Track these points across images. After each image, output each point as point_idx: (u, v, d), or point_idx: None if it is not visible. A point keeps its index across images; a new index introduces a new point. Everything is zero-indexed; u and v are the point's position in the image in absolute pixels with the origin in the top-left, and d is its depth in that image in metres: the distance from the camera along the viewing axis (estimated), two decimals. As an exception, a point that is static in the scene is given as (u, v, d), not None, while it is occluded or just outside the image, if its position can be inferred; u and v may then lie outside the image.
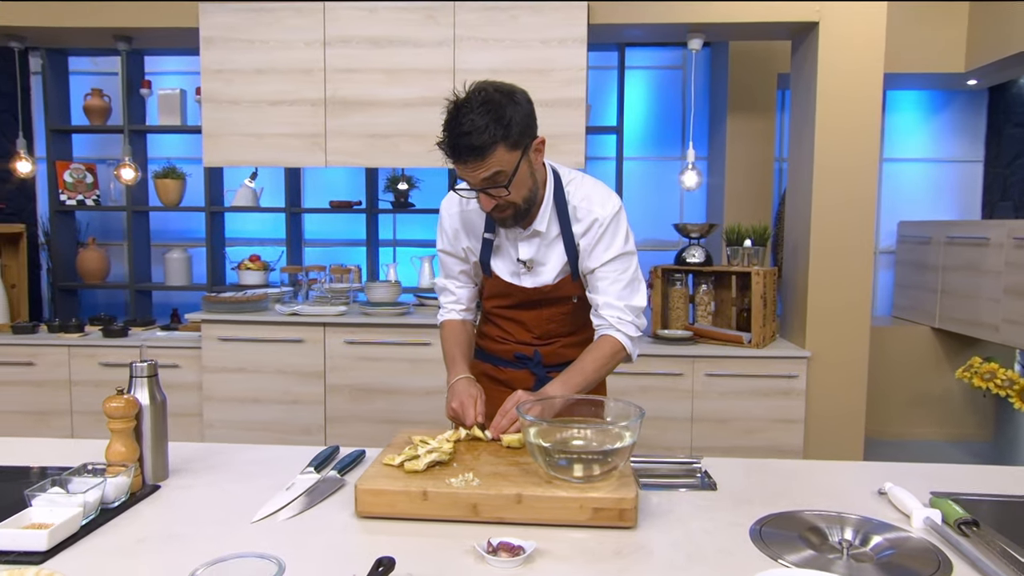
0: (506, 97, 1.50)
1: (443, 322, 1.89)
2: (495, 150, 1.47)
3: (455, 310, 1.88)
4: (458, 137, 1.46)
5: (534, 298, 1.76)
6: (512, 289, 1.76)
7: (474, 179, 1.52)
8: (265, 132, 3.45)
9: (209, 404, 3.48)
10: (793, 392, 3.44)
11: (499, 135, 1.47)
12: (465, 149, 1.47)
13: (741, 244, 3.62)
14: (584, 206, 1.69)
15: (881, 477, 1.47)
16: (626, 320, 1.70)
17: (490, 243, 1.76)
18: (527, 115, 1.54)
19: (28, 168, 3.82)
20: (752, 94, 4.39)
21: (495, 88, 1.51)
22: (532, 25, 3.34)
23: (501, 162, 1.49)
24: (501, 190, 1.53)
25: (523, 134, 1.53)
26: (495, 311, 1.84)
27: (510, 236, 1.73)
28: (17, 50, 3.86)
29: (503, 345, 1.85)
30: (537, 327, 1.80)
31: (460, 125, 1.46)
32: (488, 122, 1.45)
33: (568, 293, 1.76)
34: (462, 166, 1.51)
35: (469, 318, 1.91)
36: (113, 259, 4.80)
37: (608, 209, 1.69)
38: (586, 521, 1.23)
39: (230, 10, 3.40)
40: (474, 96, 1.49)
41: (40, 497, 1.19)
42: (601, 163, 4.84)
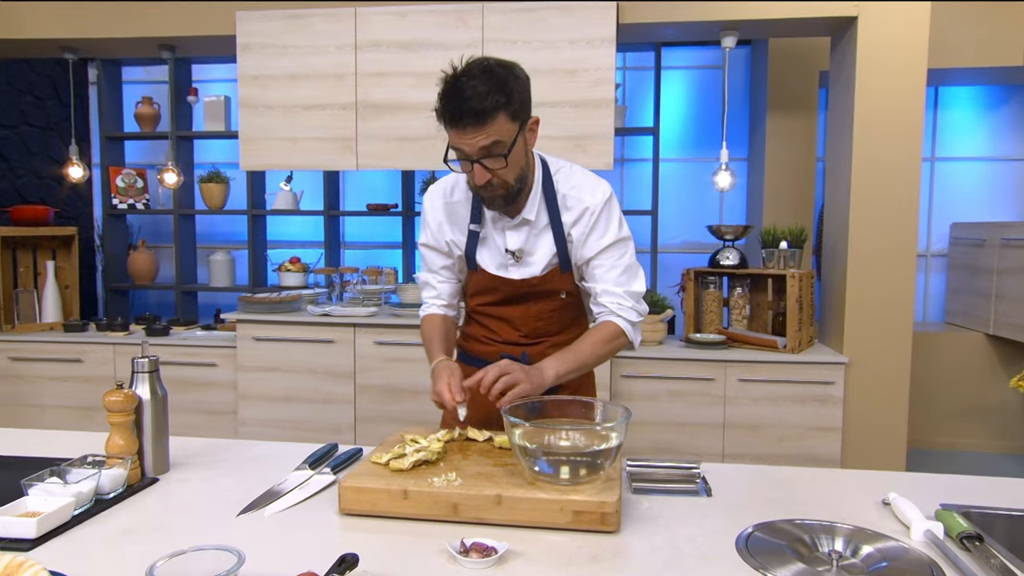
0: (507, 70, 1.49)
1: (423, 316, 1.84)
2: (497, 116, 1.45)
3: (436, 304, 1.83)
4: (460, 101, 1.43)
5: (522, 291, 1.71)
6: (498, 283, 1.71)
7: (472, 147, 1.47)
8: (299, 136, 3.53)
9: (244, 402, 3.57)
10: (830, 399, 3.33)
11: (501, 102, 1.44)
12: (468, 113, 1.43)
13: (777, 246, 3.52)
14: (574, 194, 1.66)
15: (889, 487, 1.41)
16: (626, 306, 1.65)
17: (476, 235, 1.72)
18: (526, 90, 1.53)
19: (80, 174, 3.98)
20: (793, 92, 4.27)
21: (496, 62, 1.50)
22: (560, 26, 3.33)
23: (501, 131, 1.47)
24: (500, 160, 1.49)
25: (522, 107, 1.51)
26: (480, 309, 1.79)
27: (498, 226, 1.69)
28: (72, 61, 4.02)
29: (489, 346, 1.79)
30: (524, 325, 1.75)
31: (461, 91, 1.43)
32: (491, 88, 1.43)
33: (557, 287, 1.71)
34: (460, 132, 1.46)
35: (451, 314, 1.85)
36: (162, 261, 4.97)
37: (599, 196, 1.65)
38: (567, 524, 1.21)
39: (266, 17, 3.48)
40: (474, 65, 1.47)
41: (37, 487, 1.23)
42: (638, 164, 4.79)
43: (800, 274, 3.38)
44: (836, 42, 3.56)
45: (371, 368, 3.48)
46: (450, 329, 1.82)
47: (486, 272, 1.73)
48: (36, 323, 3.99)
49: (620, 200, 4.82)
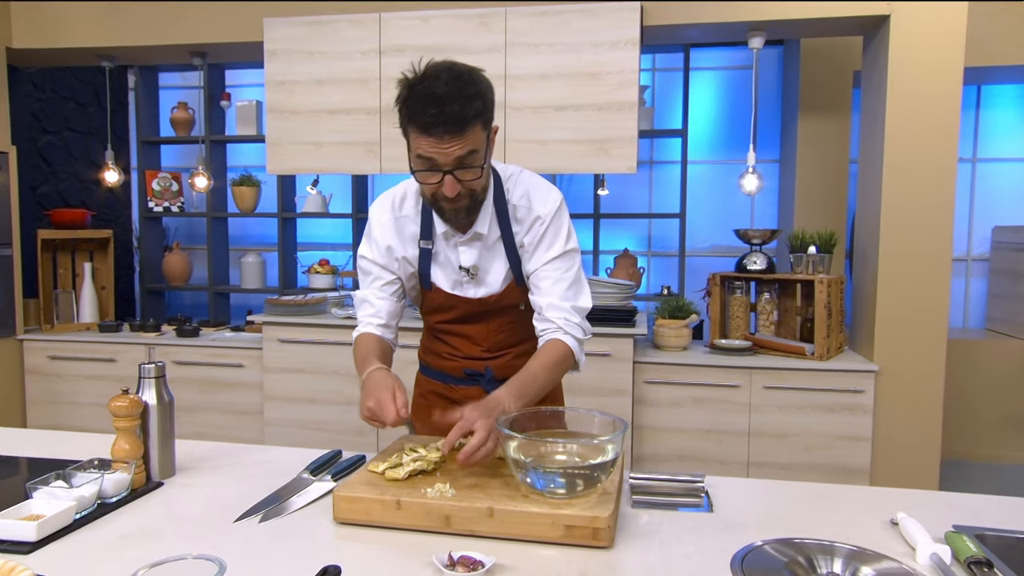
0: (476, 74, 1.41)
1: (356, 336, 1.69)
2: (475, 124, 1.38)
3: (372, 324, 1.67)
4: (439, 107, 1.33)
5: (480, 310, 1.65)
6: (455, 301, 1.64)
7: (446, 157, 1.38)
8: (324, 140, 3.56)
9: (269, 403, 3.62)
10: (859, 408, 3.25)
11: (479, 108, 1.37)
12: (449, 119, 1.33)
13: (806, 251, 3.45)
14: (524, 204, 1.59)
15: (903, 505, 1.36)
16: (573, 322, 1.56)
17: (428, 252, 1.63)
18: (492, 93, 1.44)
19: (115, 178, 4.08)
20: (825, 93, 4.18)
21: (464, 67, 1.41)
22: (583, 28, 3.30)
23: (477, 140, 1.39)
24: (475, 170, 1.43)
25: (492, 115, 1.44)
26: (439, 326, 1.71)
27: (450, 242, 1.61)
28: (108, 69, 4.13)
29: (451, 362, 1.73)
30: (485, 340, 1.69)
31: (438, 97, 1.33)
32: (469, 94, 1.35)
33: (515, 300, 1.66)
34: (436, 141, 1.36)
35: (388, 337, 1.69)
36: (196, 262, 5.07)
37: (549, 205, 1.59)
38: (559, 538, 1.19)
39: (292, 24, 3.53)
40: (440, 70, 1.37)
41: (41, 490, 1.26)
42: (667, 167, 4.74)
43: (829, 279, 3.30)
44: (868, 41, 3.47)
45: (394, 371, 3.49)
46: (386, 352, 1.67)
47: (441, 291, 1.65)
48: (74, 323, 4.11)
49: (648, 203, 4.79)
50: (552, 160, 3.38)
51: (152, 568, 0.91)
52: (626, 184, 4.75)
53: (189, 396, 3.75)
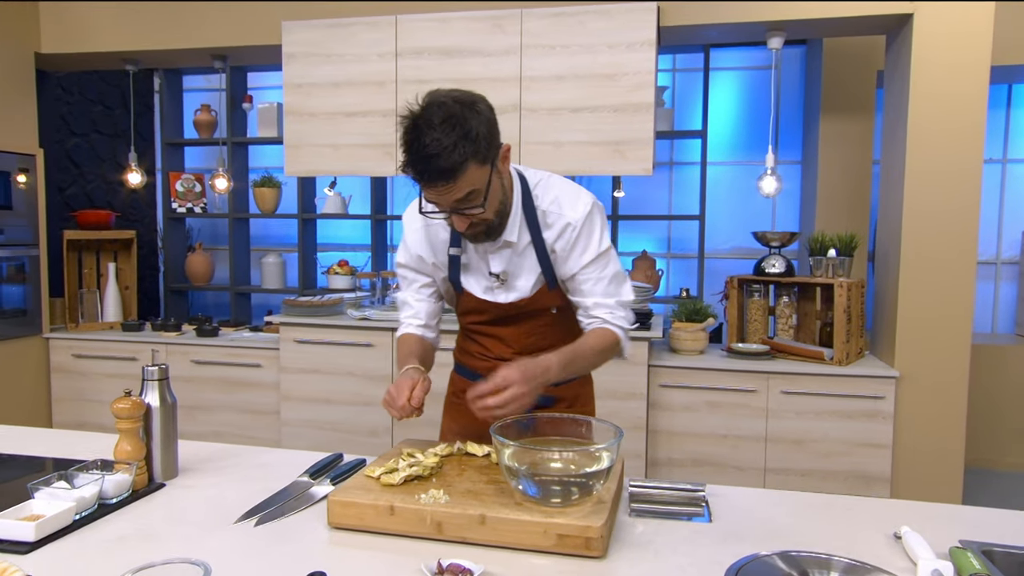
0: (467, 108, 1.38)
1: (398, 336, 1.76)
2: (466, 169, 1.36)
3: (413, 324, 1.74)
4: (424, 161, 1.34)
5: (511, 313, 1.66)
6: (486, 305, 1.67)
7: (445, 202, 1.41)
8: (340, 143, 3.58)
9: (286, 403, 3.65)
10: (879, 415, 3.19)
11: (468, 152, 1.35)
12: (434, 173, 1.35)
13: (825, 254, 3.39)
14: (554, 210, 1.60)
15: (910, 517, 1.33)
16: (619, 315, 1.61)
17: (457, 259, 1.66)
18: (491, 124, 1.43)
19: (138, 180, 4.15)
20: (848, 93, 4.11)
21: (454, 99, 1.39)
22: (599, 30, 3.28)
23: (473, 181, 1.39)
24: (476, 209, 1.45)
25: (490, 147, 1.41)
26: (472, 327, 1.75)
27: (479, 249, 1.63)
28: (132, 72, 4.20)
29: (483, 361, 1.75)
30: (516, 342, 1.70)
31: (424, 147, 1.33)
32: (456, 140, 1.33)
33: (546, 304, 1.67)
34: (431, 189, 1.39)
35: (430, 336, 1.75)
36: (218, 263, 5.14)
37: (580, 210, 1.59)
38: (551, 547, 1.18)
39: (310, 26, 3.55)
40: (433, 111, 1.35)
41: (43, 490, 1.28)
42: (688, 168, 4.70)
43: (848, 283, 3.25)
44: (891, 41, 3.40)
45: (409, 372, 3.50)
46: (427, 350, 1.73)
47: (473, 296, 1.68)
48: (98, 322, 4.19)
49: (667, 205, 4.75)
50: (567, 162, 3.36)
51: (137, 572, 0.91)
52: (646, 185, 4.72)
53: (208, 395, 3.80)
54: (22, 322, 3.92)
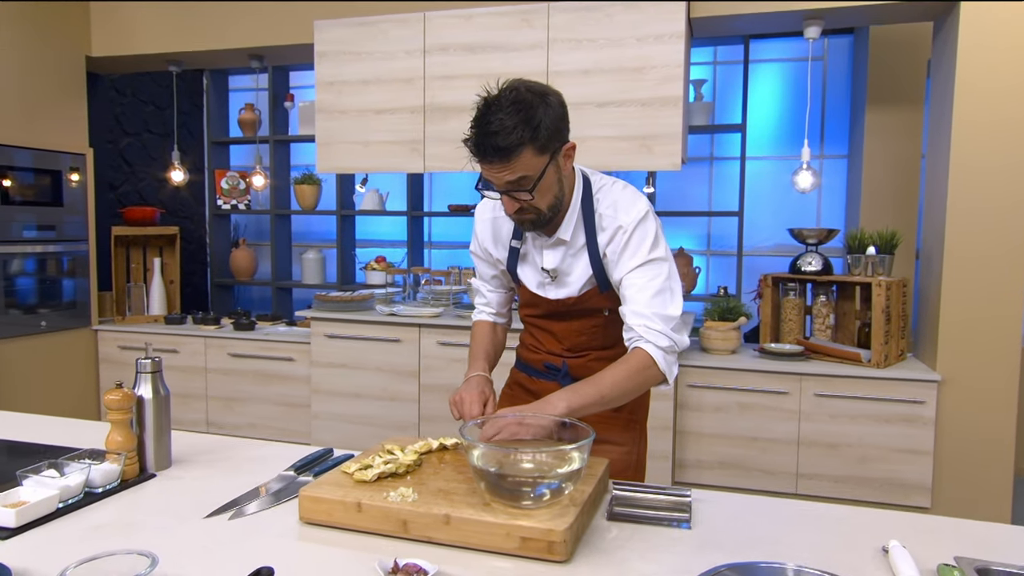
0: (538, 98, 1.43)
1: (474, 322, 1.89)
2: (522, 152, 1.42)
3: (486, 312, 1.88)
4: (485, 136, 1.41)
5: (560, 310, 1.70)
6: (538, 300, 1.72)
7: (498, 181, 1.47)
8: (370, 140, 3.62)
9: (316, 397, 3.71)
10: (920, 420, 3.05)
11: (527, 137, 1.41)
12: (491, 149, 1.41)
13: (864, 251, 3.25)
14: (609, 214, 1.60)
15: (907, 531, 1.26)
16: (654, 329, 1.51)
17: (516, 251, 1.73)
18: (558, 118, 1.47)
19: (181, 177, 4.29)
20: (895, 83, 3.93)
21: (528, 88, 1.44)
22: (627, 23, 3.22)
23: (527, 166, 1.44)
24: (525, 194, 1.48)
25: (552, 138, 1.46)
26: (528, 319, 1.81)
27: (536, 244, 1.68)
28: (176, 73, 4.33)
29: (535, 354, 1.80)
30: (566, 339, 1.73)
31: (488, 124, 1.40)
32: (517, 123, 1.39)
33: (597, 305, 1.67)
34: (487, 166, 1.45)
35: (501, 322, 1.89)
36: (261, 258, 5.26)
37: (632, 215, 1.58)
38: (514, 550, 1.16)
39: (341, 25, 3.60)
40: (505, 95, 1.42)
41: (31, 478, 1.32)
42: (728, 163, 4.58)
43: (888, 282, 3.11)
44: (937, 29, 3.24)
45: (435, 368, 3.52)
46: (498, 337, 1.86)
47: (527, 288, 1.73)
48: (144, 315, 4.34)
49: (707, 201, 4.64)
50: (593, 157, 3.31)
51: (80, 566, 0.93)
52: (685, 181, 4.62)
53: (243, 387, 3.89)
54: (73, 314, 4.09)
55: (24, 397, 3.71)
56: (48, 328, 3.94)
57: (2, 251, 3.68)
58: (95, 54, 4.15)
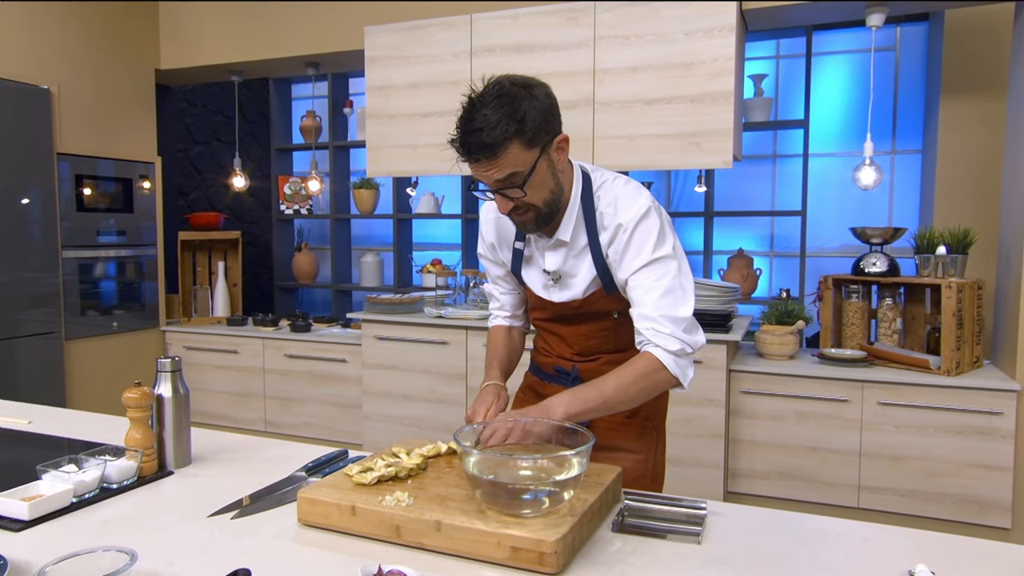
0: (523, 90, 1.40)
1: (489, 329, 1.86)
2: (508, 147, 1.37)
3: (500, 316, 1.84)
4: (469, 134, 1.37)
5: (566, 313, 1.64)
6: (544, 303, 1.66)
7: (488, 180, 1.42)
8: (418, 143, 3.64)
9: (367, 398, 3.75)
10: (997, 432, 2.83)
11: (512, 131, 1.36)
12: (476, 147, 1.37)
13: (933, 251, 3.05)
14: (609, 212, 1.53)
15: (940, 554, 1.15)
16: (663, 332, 1.44)
17: (520, 253, 1.68)
18: (545, 110, 1.42)
19: (242, 183, 4.42)
20: (973, 73, 3.68)
21: (512, 82, 1.42)
22: (675, 17, 3.13)
23: (516, 161, 1.39)
24: (516, 191, 1.43)
25: (540, 130, 1.41)
26: (537, 323, 1.76)
27: (539, 246, 1.63)
28: (237, 82, 4.48)
29: (547, 358, 1.76)
30: (575, 343, 1.68)
31: (472, 121, 1.37)
32: (501, 117, 1.35)
33: (604, 308, 1.61)
34: (475, 165, 1.41)
35: (517, 325, 1.84)
36: (322, 262, 5.39)
37: (633, 212, 1.50)
38: (505, 560, 1.12)
39: (391, 30, 3.64)
40: (489, 91, 1.40)
41: (50, 472, 1.37)
42: (789, 161, 4.39)
43: (959, 283, 2.90)
44: (1019, 12, 3.01)
45: (481, 370, 3.48)
46: (514, 342, 1.82)
47: (532, 292, 1.69)
48: (208, 316, 4.50)
49: (770, 200, 4.46)
50: (642, 156, 3.23)
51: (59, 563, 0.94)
52: (746, 180, 4.46)
53: (298, 388, 3.98)
54: (142, 316, 4.28)
55: (95, 395, 3.90)
56: (119, 329, 4.13)
57: (79, 255, 3.89)
58: (163, 67, 4.33)
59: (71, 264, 3.84)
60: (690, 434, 3.15)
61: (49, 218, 3.71)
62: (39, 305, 3.68)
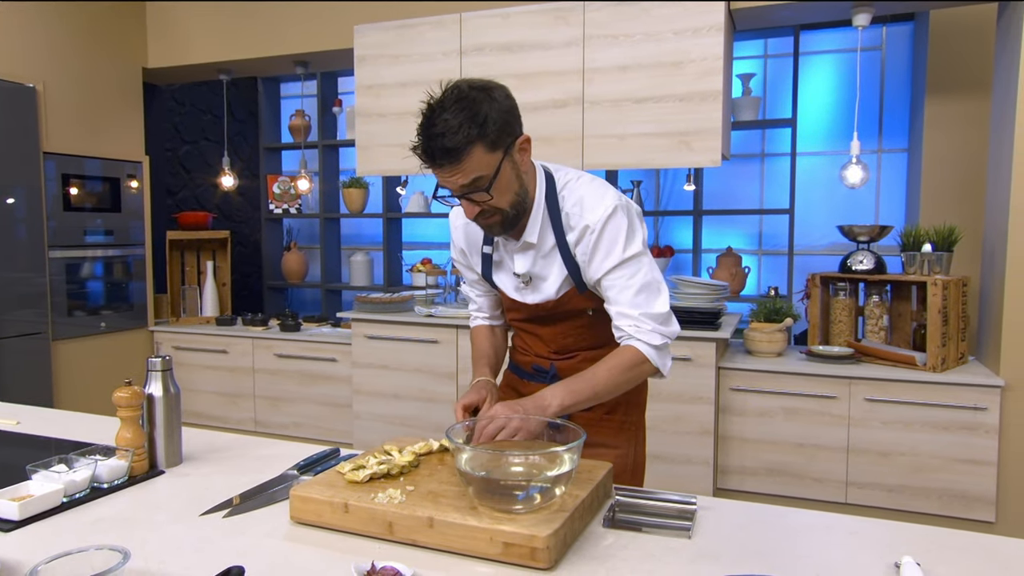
0: (482, 93, 1.39)
1: (472, 328, 1.87)
2: (471, 151, 1.36)
3: (480, 317, 1.84)
4: (431, 139, 1.37)
5: (541, 314, 1.64)
6: (518, 304, 1.67)
7: (453, 185, 1.41)
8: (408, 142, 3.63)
9: (358, 397, 3.75)
10: (981, 428, 2.86)
11: (475, 134, 1.35)
12: (439, 152, 1.36)
13: (919, 249, 3.08)
14: (575, 212, 1.53)
15: (926, 546, 1.17)
16: (645, 328, 1.49)
17: (489, 258, 1.67)
18: (506, 111, 1.41)
19: (231, 183, 4.41)
20: (958, 72, 3.72)
21: (470, 85, 1.40)
22: (664, 16, 3.15)
23: (480, 164, 1.38)
24: (483, 194, 1.43)
25: (502, 132, 1.40)
26: (514, 323, 1.76)
27: (507, 249, 1.63)
28: (225, 81, 4.46)
29: (525, 357, 1.76)
30: (552, 341, 1.68)
31: (433, 126, 1.36)
32: (462, 121, 1.34)
33: (579, 306, 1.62)
34: (439, 171, 1.40)
35: (498, 324, 1.84)
36: (312, 261, 5.37)
37: (599, 213, 1.50)
38: (497, 556, 1.12)
39: (380, 29, 3.63)
40: (448, 95, 1.39)
41: (40, 472, 1.36)
42: (777, 160, 4.42)
43: (945, 281, 2.93)
44: (1001, 12, 3.04)
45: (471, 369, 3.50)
46: (498, 340, 1.82)
47: (505, 294, 1.69)
48: (197, 316, 4.48)
49: (758, 198, 4.49)
50: (631, 155, 3.24)
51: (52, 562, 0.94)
52: (734, 178, 4.49)
53: (289, 387, 3.97)
54: (130, 316, 4.25)
55: (83, 396, 3.88)
56: (107, 329, 4.10)
57: (66, 256, 3.86)
58: (151, 65, 4.31)
59: (58, 264, 3.81)
60: (680, 431, 3.17)
61: (35, 218, 3.68)
62: (26, 305, 3.65)
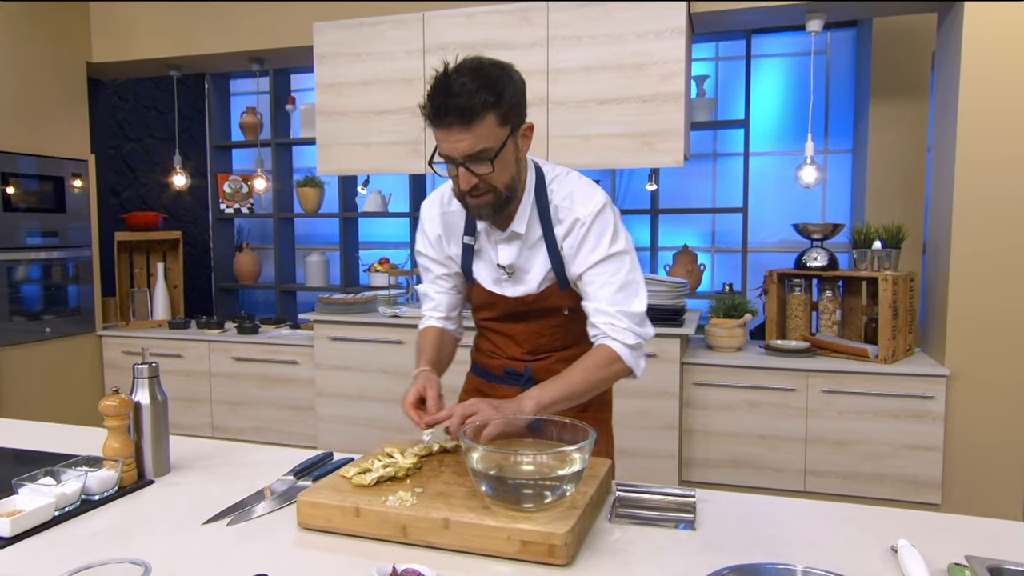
0: (500, 70, 1.41)
1: (420, 329, 1.75)
2: (484, 117, 1.36)
3: (434, 317, 1.74)
4: (447, 97, 1.35)
5: (519, 309, 1.63)
6: (495, 299, 1.64)
7: (457, 151, 1.39)
8: (371, 141, 3.61)
9: (321, 400, 3.70)
10: (928, 415, 3.01)
11: (490, 101, 1.36)
12: (454, 110, 1.35)
13: (870, 246, 3.22)
14: (565, 205, 1.55)
15: (915, 530, 1.24)
16: (620, 327, 1.50)
17: (471, 248, 1.65)
18: (520, 93, 1.44)
19: (183, 182, 4.29)
20: (900, 76, 3.90)
21: (491, 62, 1.42)
22: (627, 19, 3.20)
23: (489, 135, 1.38)
24: (486, 165, 1.42)
25: (514, 111, 1.42)
26: (484, 324, 1.73)
27: (491, 239, 1.61)
28: (176, 77, 4.33)
29: (494, 360, 1.73)
30: (527, 341, 1.67)
31: (450, 87, 1.35)
32: (480, 86, 1.35)
33: (557, 304, 1.62)
34: (446, 131, 1.38)
35: (450, 328, 1.75)
36: (265, 262, 5.26)
37: (590, 207, 1.53)
38: (515, 554, 1.14)
39: (340, 27, 3.59)
40: (466, 63, 1.39)
41: (27, 486, 1.31)
42: (732, 159, 4.55)
43: (894, 276, 3.08)
44: (942, 19, 3.20)
45: (439, 369, 3.50)
46: (447, 343, 1.73)
47: (483, 288, 1.66)
48: (148, 320, 4.34)
49: (711, 197, 4.61)
50: (596, 155, 3.29)
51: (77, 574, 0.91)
52: (689, 178, 4.59)
53: (248, 391, 3.89)
54: (77, 320, 4.09)
55: (29, 404, 3.71)
56: (52, 335, 3.94)
57: (6, 258, 3.68)
58: (95, 60, 4.15)
59: (-2, 267, 3.64)
60: (646, 426, 3.24)
61: (-26, 219, 3.51)
62: (-35, 311, 3.48)
